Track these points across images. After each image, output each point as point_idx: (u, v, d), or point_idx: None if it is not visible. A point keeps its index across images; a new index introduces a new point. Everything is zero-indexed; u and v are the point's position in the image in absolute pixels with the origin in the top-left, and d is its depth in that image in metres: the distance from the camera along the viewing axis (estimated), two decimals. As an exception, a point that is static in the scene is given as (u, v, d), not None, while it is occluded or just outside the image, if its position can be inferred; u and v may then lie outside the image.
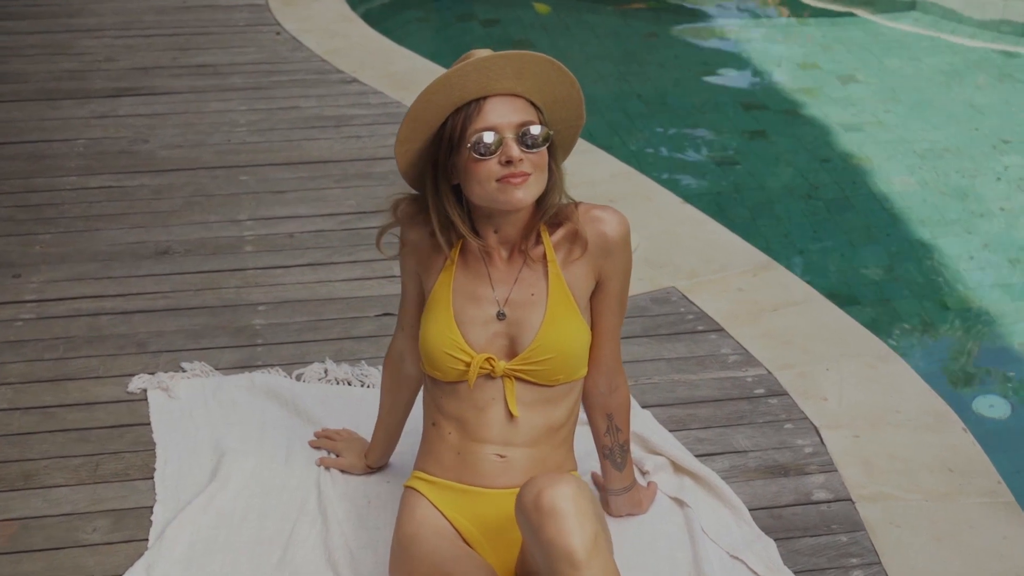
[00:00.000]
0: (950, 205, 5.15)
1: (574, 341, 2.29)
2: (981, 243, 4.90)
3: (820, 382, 3.10)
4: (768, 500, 2.69)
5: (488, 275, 2.30)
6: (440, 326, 2.29)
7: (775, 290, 3.50)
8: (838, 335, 3.31)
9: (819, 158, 5.47)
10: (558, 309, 2.28)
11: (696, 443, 2.86)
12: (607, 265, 2.31)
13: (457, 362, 2.28)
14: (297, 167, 4.18)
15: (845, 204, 5.15)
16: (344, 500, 2.64)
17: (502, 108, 2.14)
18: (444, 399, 2.34)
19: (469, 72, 2.10)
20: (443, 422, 2.35)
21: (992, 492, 2.74)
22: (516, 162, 2.12)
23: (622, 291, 2.37)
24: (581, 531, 1.95)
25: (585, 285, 2.32)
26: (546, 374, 2.29)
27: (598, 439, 2.49)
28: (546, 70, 2.15)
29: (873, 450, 2.86)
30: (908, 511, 2.67)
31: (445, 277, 2.31)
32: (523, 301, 2.29)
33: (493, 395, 2.31)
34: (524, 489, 2.04)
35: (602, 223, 2.29)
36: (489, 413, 2.31)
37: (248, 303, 3.39)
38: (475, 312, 2.29)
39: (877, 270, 4.72)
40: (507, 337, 2.29)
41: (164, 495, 2.66)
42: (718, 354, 3.20)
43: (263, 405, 2.95)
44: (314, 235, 3.75)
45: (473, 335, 2.28)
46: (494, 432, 2.31)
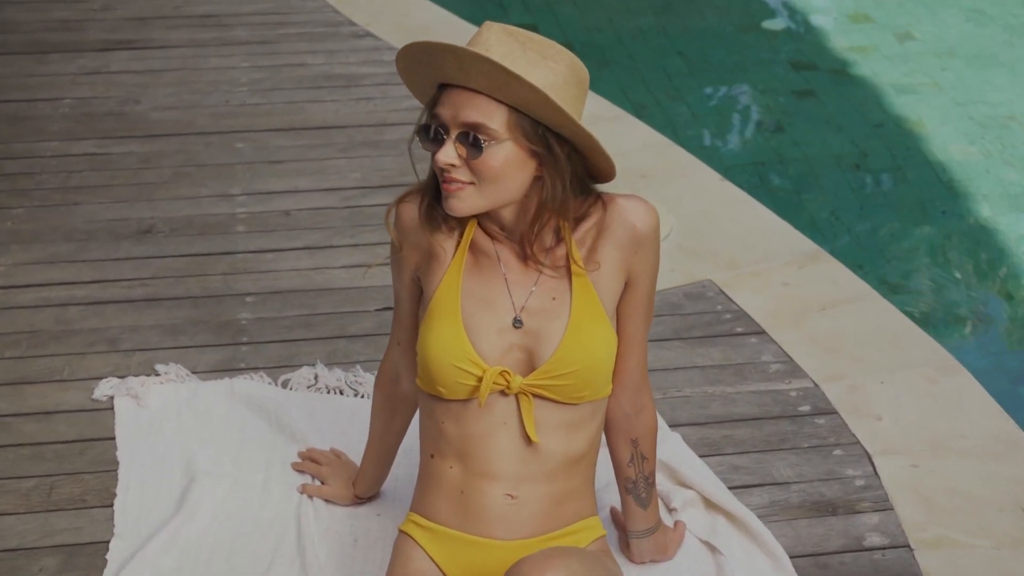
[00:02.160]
0: (1014, 179, 4.73)
1: (601, 352, 1.97)
2: (1048, 220, 4.50)
3: (873, 398, 2.73)
4: (813, 545, 2.34)
5: (504, 277, 1.96)
6: (446, 334, 1.95)
7: (823, 285, 3.13)
8: (894, 340, 2.94)
9: (871, 123, 5.06)
10: (583, 316, 1.95)
11: (731, 472, 2.51)
12: (637, 262, 1.98)
13: (467, 376, 1.95)
14: (299, 133, 3.82)
15: (897, 176, 4.76)
16: (327, 538, 2.32)
17: (456, 101, 1.83)
18: (447, 423, 2.00)
19: (417, 53, 1.84)
20: (444, 453, 2.02)
21: (1073, 539, 2.38)
22: (443, 166, 1.83)
23: (651, 292, 2.04)
24: None
25: (614, 287, 1.98)
26: (570, 390, 1.95)
27: (620, 470, 2.15)
28: (486, 69, 1.79)
29: (934, 483, 2.50)
30: (975, 562, 2.31)
31: (451, 278, 1.96)
32: (543, 308, 1.96)
33: (505, 418, 1.97)
34: (510, 572, 1.75)
35: (630, 214, 1.96)
36: (500, 440, 1.98)
37: (235, 293, 3.05)
38: (488, 319, 1.96)
39: (931, 254, 4.33)
40: (524, 349, 1.96)
41: (123, 528, 2.34)
42: (758, 362, 2.84)
43: (242, 418, 2.62)
44: (312, 213, 3.40)
45: (485, 345, 1.95)
46: (505, 464, 1.98)
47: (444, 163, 1.82)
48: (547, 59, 1.84)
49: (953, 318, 4.04)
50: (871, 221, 4.52)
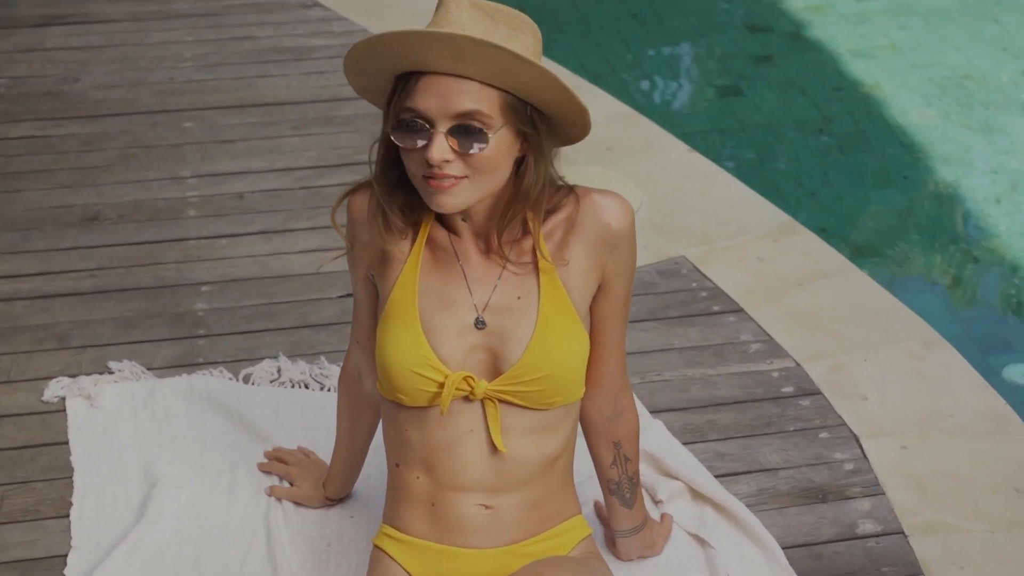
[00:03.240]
0: (974, 141, 4.67)
1: (572, 355, 1.84)
2: (1009, 184, 4.44)
3: (857, 377, 2.65)
4: (805, 535, 2.26)
5: (463, 273, 1.83)
6: (404, 338, 1.82)
7: (800, 259, 3.04)
8: (875, 315, 2.86)
9: (830, 87, 4.97)
10: (552, 316, 1.81)
11: (716, 459, 2.42)
12: (611, 262, 1.84)
13: (428, 383, 1.82)
14: (249, 111, 3.66)
15: (860, 140, 4.67)
16: (298, 543, 2.20)
17: (441, 90, 1.66)
18: (410, 430, 1.88)
19: (391, 44, 1.65)
20: (410, 462, 1.90)
21: (1069, 520, 2.31)
22: (438, 164, 1.66)
23: (627, 293, 1.90)
24: None
25: (586, 287, 1.85)
26: (539, 396, 1.83)
27: (602, 472, 2.05)
28: (491, 54, 1.64)
29: (924, 465, 2.42)
30: (971, 546, 2.24)
31: (408, 276, 1.83)
32: (507, 306, 1.82)
33: (471, 425, 1.85)
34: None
35: (604, 211, 1.82)
36: (467, 448, 1.85)
37: (190, 282, 2.90)
38: (447, 320, 1.82)
39: (895, 218, 4.27)
40: (488, 350, 1.83)
41: (81, 539, 2.21)
42: (738, 342, 2.74)
43: (203, 417, 2.48)
44: (267, 195, 3.25)
45: (446, 349, 1.82)
46: (475, 474, 1.86)
47: (439, 160, 1.66)
48: (516, 31, 1.71)
49: (920, 284, 3.98)
50: (834, 186, 4.44)
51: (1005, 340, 3.65)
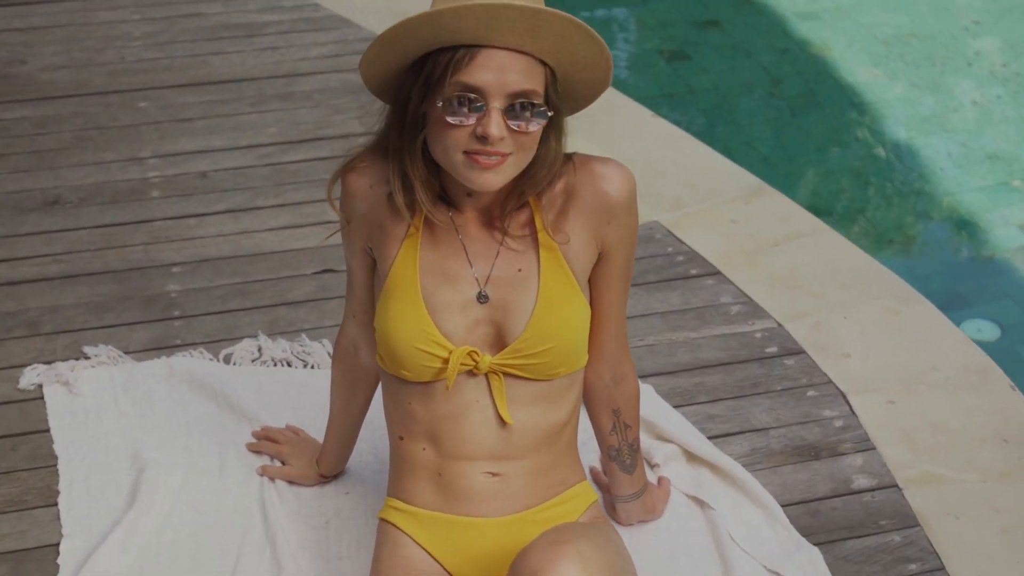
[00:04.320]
0: (921, 99, 4.72)
1: (575, 326, 1.82)
2: (958, 141, 4.49)
3: (839, 334, 2.67)
4: (801, 492, 2.27)
5: (463, 248, 1.80)
6: (407, 315, 1.79)
7: (773, 221, 3.05)
8: (851, 274, 2.88)
9: (778, 49, 5.00)
10: (554, 287, 1.80)
11: (707, 421, 2.42)
12: (611, 232, 1.83)
13: (432, 359, 1.80)
14: (204, 88, 3.59)
15: (810, 101, 4.71)
16: (295, 522, 2.17)
17: (499, 65, 1.62)
18: (413, 404, 1.86)
19: (466, 17, 1.58)
20: (414, 435, 1.88)
21: (1057, 467, 2.35)
22: (493, 141, 1.63)
23: (628, 262, 1.89)
24: None
25: (585, 257, 1.83)
26: (544, 368, 1.82)
27: (602, 439, 2.04)
28: (570, 31, 1.63)
29: (913, 420, 2.44)
30: (965, 497, 2.27)
31: (408, 252, 1.80)
32: (509, 279, 1.80)
33: (477, 397, 1.83)
34: (516, 565, 1.62)
35: (604, 180, 1.80)
36: (472, 420, 1.84)
37: (160, 264, 2.84)
38: (450, 295, 1.80)
39: (849, 177, 4.30)
40: (491, 324, 1.81)
41: (72, 527, 2.15)
42: (718, 304, 2.75)
43: (186, 399, 2.43)
44: (232, 174, 3.20)
45: (450, 324, 1.80)
46: (482, 444, 1.84)
47: (497, 136, 1.62)
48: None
49: (877, 243, 4.02)
50: (787, 148, 4.47)
51: (961, 296, 3.70)
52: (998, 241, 3.90)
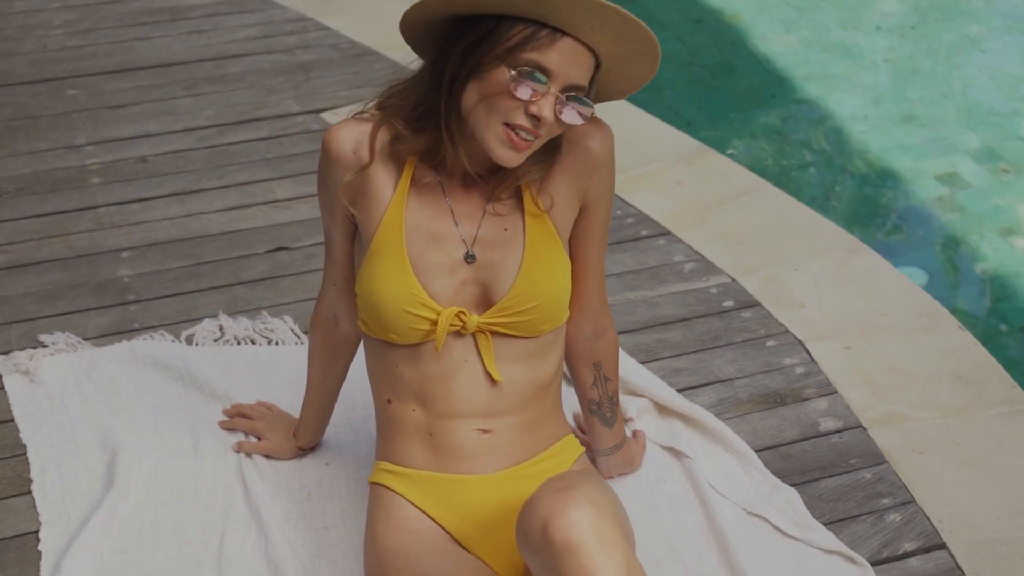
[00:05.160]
0: (834, 62, 4.83)
1: (560, 283, 1.85)
2: (872, 100, 4.60)
3: (791, 286, 2.73)
4: (771, 438, 2.32)
5: (450, 209, 1.82)
6: (394, 278, 1.80)
7: (716, 180, 3.10)
8: (797, 227, 2.94)
9: (691, 19, 5.06)
10: (539, 245, 1.82)
11: (674, 375, 2.47)
12: (593, 187, 1.86)
13: (420, 321, 1.81)
14: (134, 74, 3.54)
15: (728, 69, 4.78)
16: (278, 495, 2.16)
17: (572, 57, 1.67)
18: (401, 366, 1.87)
19: (575, 5, 1.62)
20: (403, 397, 1.89)
21: (1010, 399, 2.43)
22: (544, 124, 1.66)
23: (607, 217, 1.92)
24: (609, 563, 1.54)
25: (568, 213, 1.86)
26: (530, 325, 1.84)
27: (583, 393, 2.07)
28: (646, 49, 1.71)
29: (870, 363, 2.51)
30: (927, 433, 2.34)
31: (393, 215, 1.81)
32: (496, 239, 1.82)
33: (465, 356, 1.85)
34: (525, 515, 1.61)
35: (586, 136, 1.83)
36: (461, 379, 1.86)
37: (108, 250, 2.80)
38: (437, 256, 1.81)
39: (774, 140, 4.38)
40: (478, 284, 1.83)
41: (49, 515, 2.12)
42: (672, 263, 2.79)
43: (152, 382, 2.41)
44: (172, 157, 3.16)
45: (437, 285, 1.81)
46: (471, 402, 1.86)
47: (548, 119, 1.66)
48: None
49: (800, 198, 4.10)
50: (711, 113, 4.53)
51: (887, 245, 3.80)
52: (916, 192, 4.00)
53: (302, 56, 3.64)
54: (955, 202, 3.89)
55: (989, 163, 4.10)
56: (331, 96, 3.43)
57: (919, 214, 3.96)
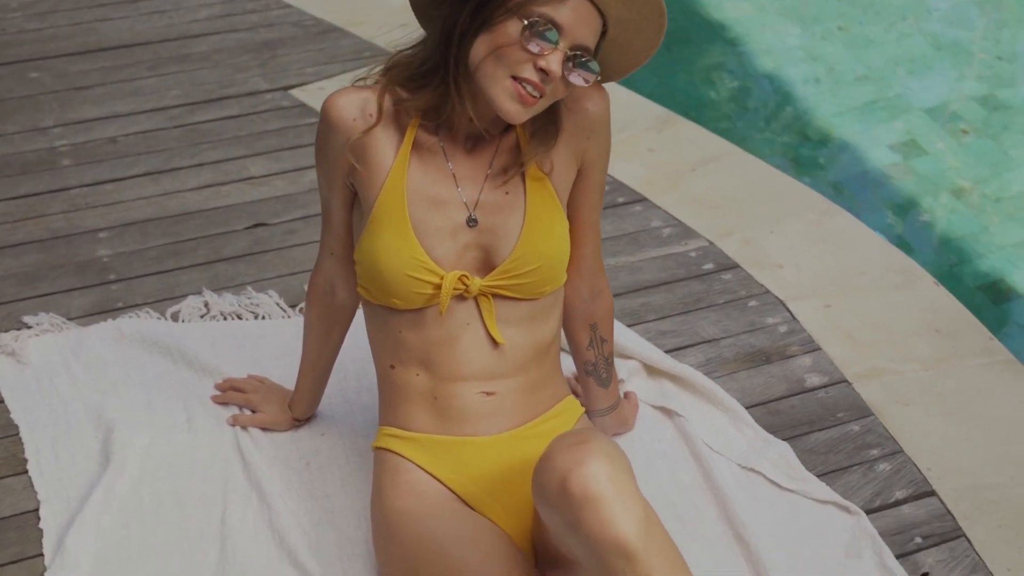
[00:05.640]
0: (789, 30, 4.88)
1: (560, 244, 1.88)
2: (826, 67, 4.67)
3: (768, 248, 2.77)
4: (759, 395, 2.36)
5: (451, 173, 1.83)
6: (397, 243, 1.81)
7: (687, 147, 3.14)
8: (770, 191, 2.99)
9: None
10: (540, 207, 1.85)
11: (660, 337, 2.50)
12: (590, 149, 1.89)
13: (424, 285, 1.83)
14: (97, 55, 3.51)
15: (682, 38, 4.82)
16: (276, 466, 2.17)
17: (583, 15, 1.68)
18: (404, 332, 1.88)
19: None
20: (406, 362, 1.90)
21: (987, 351, 2.49)
22: (552, 79, 1.67)
23: (603, 178, 1.96)
24: (628, 514, 1.55)
25: (567, 176, 1.89)
26: (532, 287, 1.86)
27: (579, 354, 2.09)
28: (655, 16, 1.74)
29: (850, 320, 2.56)
30: (909, 385, 2.39)
31: (395, 181, 1.82)
32: (497, 203, 1.84)
33: (467, 319, 1.87)
34: (542, 470, 1.62)
35: (583, 98, 1.85)
36: (465, 342, 1.87)
37: (85, 230, 2.78)
38: (439, 220, 1.83)
39: (730, 106, 4.43)
40: (480, 247, 1.85)
41: (47, 493, 2.11)
42: (650, 228, 2.82)
43: (141, 359, 2.40)
44: (142, 137, 3.14)
45: (440, 250, 1.83)
46: (474, 365, 1.88)
47: (556, 73, 1.66)
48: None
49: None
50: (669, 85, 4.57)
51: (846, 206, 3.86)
52: (872, 158, 4.06)
53: (266, 34, 3.62)
54: (912, 166, 3.95)
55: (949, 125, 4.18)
56: (298, 73, 3.42)
57: (873, 179, 4.02)
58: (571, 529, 1.56)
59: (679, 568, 1.55)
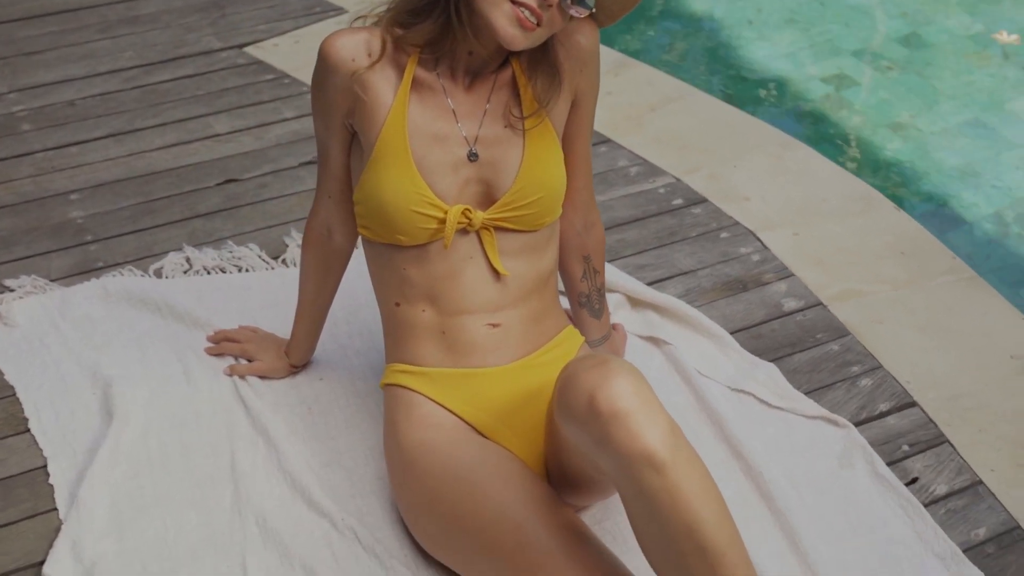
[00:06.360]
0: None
1: (558, 175, 1.93)
2: (755, 8, 4.75)
3: (734, 182, 2.85)
4: (741, 320, 2.44)
5: (451, 109, 1.87)
6: (401, 179, 1.85)
7: (645, 89, 3.20)
8: (729, 128, 3.06)
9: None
10: (537, 140, 1.89)
11: (639, 271, 2.57)
12: (583, 81, 1.94)
13: (428, 220, 1.87)
14: (44, 20, 3.46)
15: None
16: (279, 411, 2.20)
17: None
18: (409, 269, 1.92)
19: None
20: (411, 299, 1.94)
21: (952, 269, 2.60)
22: (550, 3, 1.71)
23: (594, 110, 2.01)
24: (655, 427, 1.59)
25: (562, 109, 1.94)
26: (532, 219, 1.91)
27: (572, 286, 2.15)
28: None
29: (819, 246, 2.65)
30: (882, 305, 2.49)
31: (395, 119, 1.85)
32: (497, 137, 1.88)
33: (470, 253, 1.91)
34: (567, 390, 1.66)
35: (575, 31, 1.90)
36: (469, 276, 1.92)
37: (55, 193, 2.77)
38: (441, 156, 1.87)
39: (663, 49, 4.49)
40: (481, 182, 1.89)
41: (53, 450, 2.12)
42: (617, 168, 2.88)
43: (129, 316, 2.40)
44: (100, 100, 3.11)
45: (442, 185, 1.87)
46: (479, 297, 1.93)
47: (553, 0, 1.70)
48: None
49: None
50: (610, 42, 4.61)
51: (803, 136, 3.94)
52: (806, 94, 4.15)
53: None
54: (842, 99, 4.05)
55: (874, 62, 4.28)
56: (251, 31, 3.41)
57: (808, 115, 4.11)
58: (600, 445, 1.62)
59: (706, 477, 1.62)
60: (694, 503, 1.58)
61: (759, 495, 2.04)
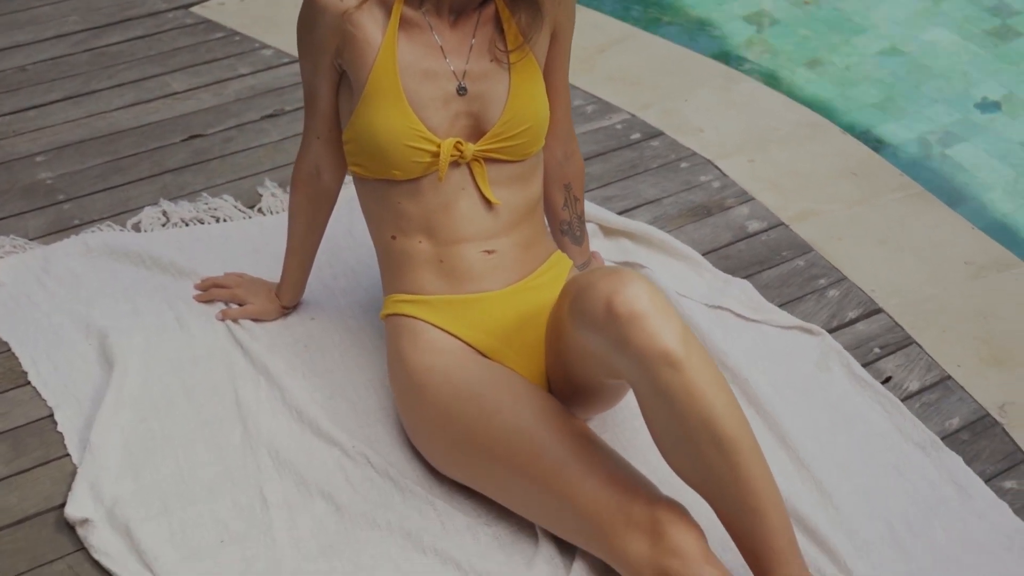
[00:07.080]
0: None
1: (543, 107, 2.01)
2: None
3: (687, 115, 2.95)
4: (709, 243, 2.55)
5: (439, 45, 1.94)
6: (394, 116, 1.91)
7: (590, 32, 3.28)
8: (678, 65, 3.16)
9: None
10: (522, 72, 1.97)
11: (606, 202, 2.66)
12: (561, 14, 2.02)
13: (422, 154, 1.94)
14: (-19, -10, 3.44)
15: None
16: (275, 351, 2.25)
17: None
18: (403, 202, 1.99)
19: None
20: (407, 231, 2.01)
21: (902, 186, 2.73)
22: None
23: (570, 43, 2.09)
24: (670, 326, 1.69)
25: (543, 42, 2.02)
26: (521, 148, 1.99)
27: (554, 215, 2.24)
28: None
29: (773, 171, 2.77)
30: (839, 222, 2.61)
31: (385, 56, 1.91)
32: (484, 71, 1.96)
33: (462, 184, 1.99)
34: (584, 297, 1.75)
35: None
36: (462, 206, 1.99)
37: (20, 156, 2.77)
38: (431, 91, 1.93)
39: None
40: (470, 115, 1.96)
41: (57, 399, 2.15)
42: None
43: (113, 268, 2.43)
44: (52, 64, 3.11)
45: (434, 119, 1.94)
46: (473, 226, 2.00)
47: None
48: None
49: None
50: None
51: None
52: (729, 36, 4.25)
53: (150, -44, 3.60)
54: (765, 39, 4.16)
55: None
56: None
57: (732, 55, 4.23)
58: (618, 347, 1.70)
59: (716, 373, 1.71)
60: (708, 395, 1.68)
61: (747, 400, 2.15)
